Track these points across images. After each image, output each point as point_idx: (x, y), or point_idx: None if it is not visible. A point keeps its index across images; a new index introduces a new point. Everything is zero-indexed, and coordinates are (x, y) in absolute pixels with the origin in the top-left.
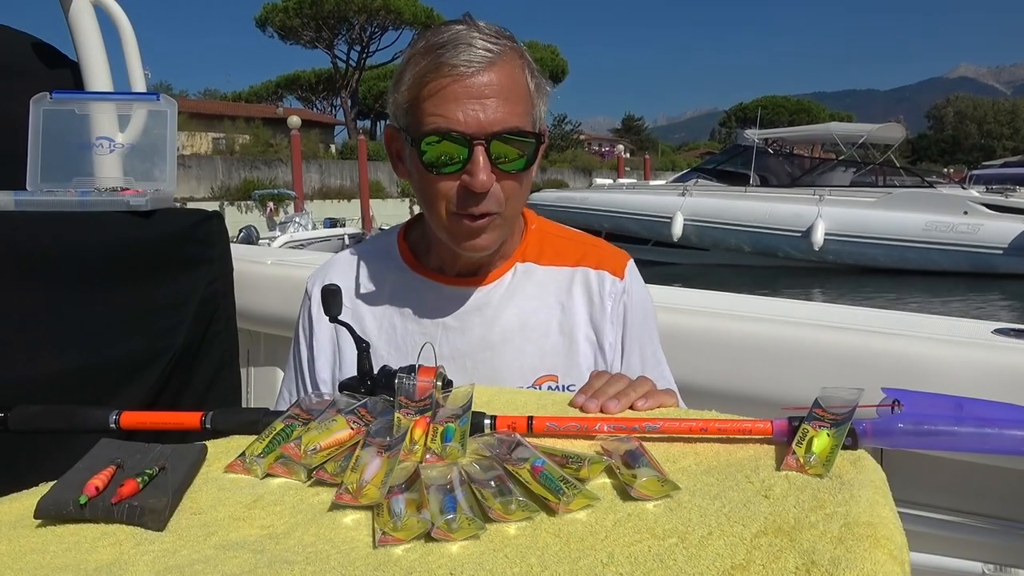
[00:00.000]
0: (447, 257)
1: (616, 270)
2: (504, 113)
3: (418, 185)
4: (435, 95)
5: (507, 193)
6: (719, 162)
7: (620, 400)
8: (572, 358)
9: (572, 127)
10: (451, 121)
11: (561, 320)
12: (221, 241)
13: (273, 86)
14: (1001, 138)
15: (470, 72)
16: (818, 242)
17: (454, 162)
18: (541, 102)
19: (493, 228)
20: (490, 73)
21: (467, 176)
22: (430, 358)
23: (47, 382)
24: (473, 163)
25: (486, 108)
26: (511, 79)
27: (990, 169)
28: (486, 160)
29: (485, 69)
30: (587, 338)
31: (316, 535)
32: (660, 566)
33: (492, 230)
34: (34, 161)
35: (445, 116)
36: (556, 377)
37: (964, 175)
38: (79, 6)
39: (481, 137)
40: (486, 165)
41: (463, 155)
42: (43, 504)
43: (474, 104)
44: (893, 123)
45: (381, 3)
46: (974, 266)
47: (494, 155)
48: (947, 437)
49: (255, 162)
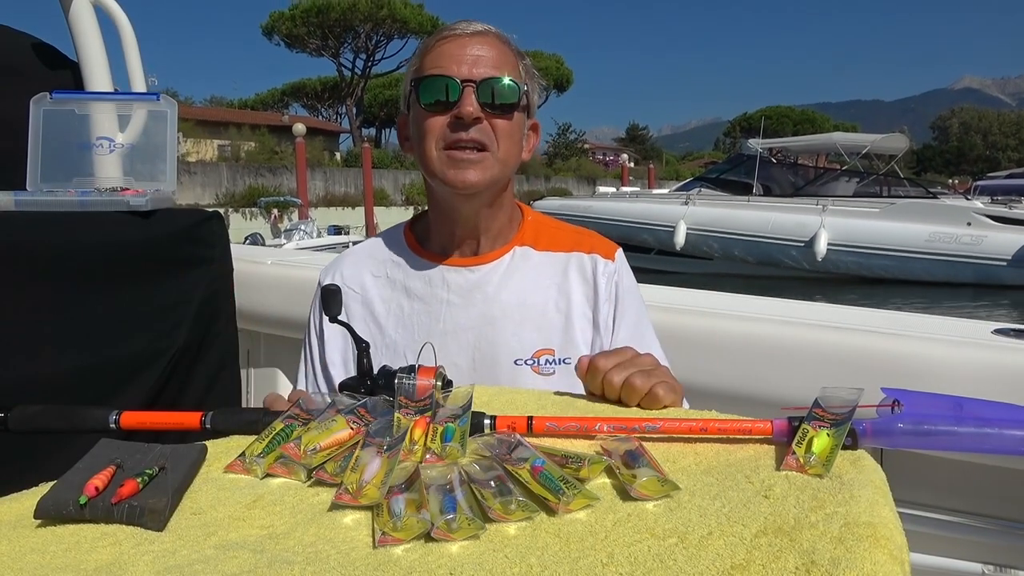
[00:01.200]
0: (448, 239)
1: (607, 255)
2: (492, 69)
3: (416, 132)
4: (434, 53)
5: (497, 131)
6: (722, 171)
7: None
8: (569, 333)
9: (576, 136)
10: (446, 69)
11: (557, 299)
12: (221, 241)
13: (279, 94)
14: (1006, 149)
15: (465, 35)
16: (821, 252)
17: (446, 102)
18: (530, 80)
19: (484, 166)
20: (483, 43)
21: (457, 108)
22: (430, 358)
23: (47, 382)
24: (463, 97)
25: (478, 63)
26: (501, 52)
27: (995, 180)
28: (474, 99)
29: (479, 38)
30: (583, 315)
31: (316, 535)
32: (660, 566)
33: (483, 167)
34: (34, 161)
35: (441, 66)
36: (553, 351)
37: (969, 186)
38: (79, 6)
39: (471, 80)
40: (474, 101)
41: (455, 95)
42: (43, 504)
43: (468, 59)
44: (897, 134)
45: (387, 12)
46: (978, 277)
47: (481, 98)
48: (947, 437)
49: (260, 169)
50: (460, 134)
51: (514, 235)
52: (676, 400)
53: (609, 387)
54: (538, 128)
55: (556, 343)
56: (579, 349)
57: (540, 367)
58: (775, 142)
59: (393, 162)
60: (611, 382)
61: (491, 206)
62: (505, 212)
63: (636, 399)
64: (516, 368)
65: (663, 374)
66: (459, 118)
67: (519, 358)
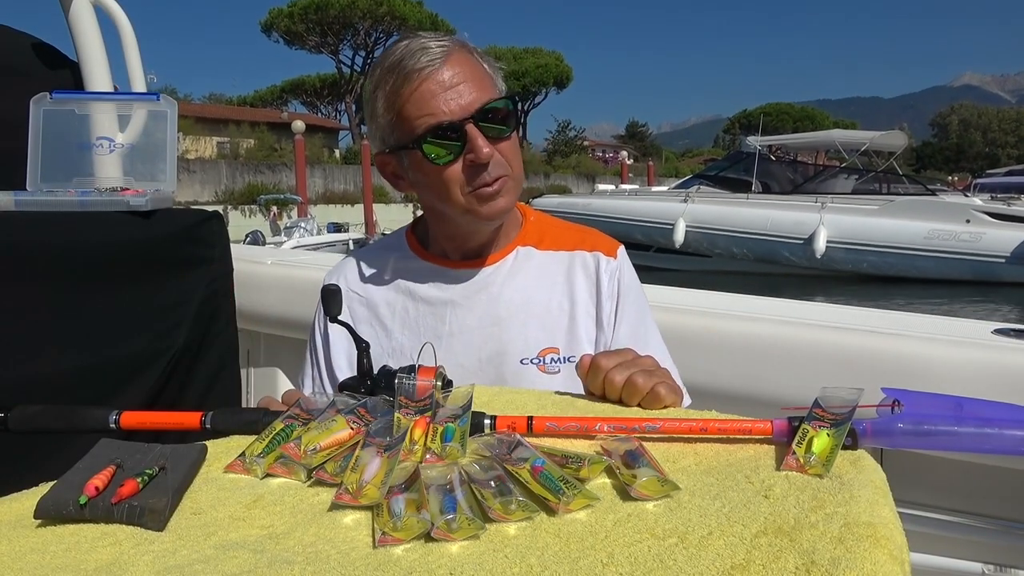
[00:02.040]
0: (450, 243)
1: (609, 252)
2: (477, 93)
3: (428, 185)
4: (414, 100)
5: (507, 155)
6: (721, 169)
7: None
8: (573, 332)
9: (576, 133)
10: (439, 115)
11: (561, 298)
12: (221, 241)
13: (278, 91)
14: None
15: (435, 68)
16: (820, 249)
17: (455, 148)
18: (498, 75)
19: (507, 190)
20: (451, 66)
21: (471, 154)
22: (430, 358)
23: (47, 382)
24: (471, 140)
25: (461, 94)
26: (469, 65)
27: (994, 177)
28: (479, 134)
29: (445, 63)
30: (587, 313)
31: (316, 535)
32: (660, 566)
33: (507, 192)
34: (34, 161)
35: (432, 113)
36: (558, 349)
37: (968, 183)
38: (79, 6)
39: (468, 117)
40: (481, 137)
41: (461, 139)
42: (43, 504)
43: (450, 94)
44: (896, 131)
45: (386, 9)
46: (976, 274)
47: (484, 128)
48: (947, 437)
49: (259, 166)
50: (483, 176)
51: (516, 235)
52: (677, 400)
53: (610, 386)
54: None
55: (561, 341)
56: (583, 347)
57: (546, 366)
58: (774, 139)
59: None
60: (613, 381)
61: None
62: (508, 216)
63: (637, 398)
64: (522, 367)
65: (664, 375)
66: (477, 164)
67: (525, 357)
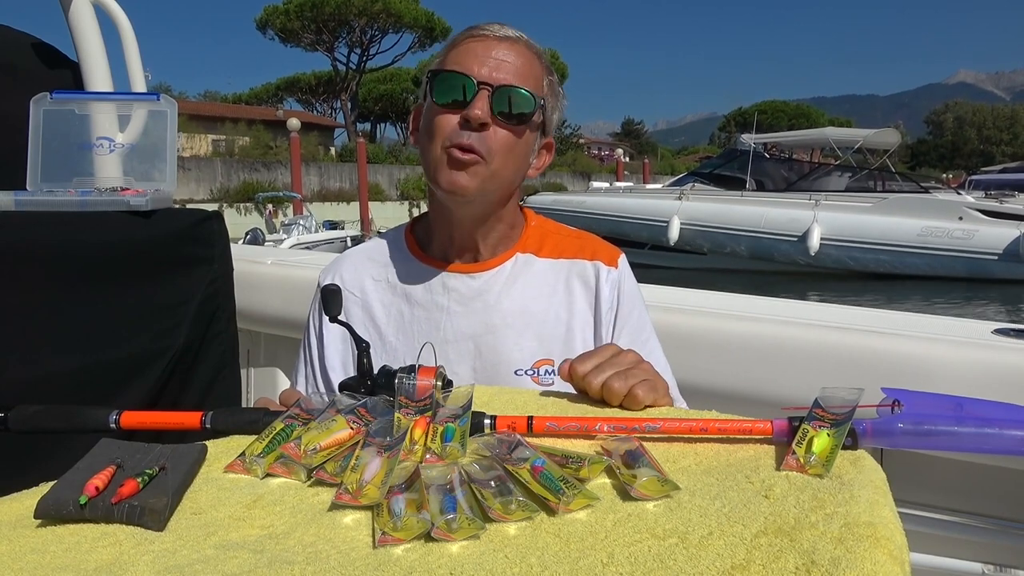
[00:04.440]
0: (447, 244)
1: (610, 261)
2: (512, 78)
3: (425, 124)
4: (460, 50)
5: (498, 144)
6: (716, 166)
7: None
8: (569, 344)
9: (572, 131)
10: (466, 68)
11: (559, 308)
12: (221, 241)
13: (273, 88)
14: (1000, 144)
15: (493, 39)
16: (814, 247)
17: (459, 99)
18: (552, 98)
19: (475, 174)
20: (511, 49)
21: (467, 110)
22: (430, 358)
23: (47, 382)
24: (475, 99)
25: (500, 68)
26: (528, 62)
27: (989, 175)
28: (487, 103)
29: (508, 43)
30: (585, 323)
31: (316, 535)
32: (660, 566)
33: (473, 175)
34: (34, 161)
35: (462, 64)
36: (552, 361)
37: (963, 180)
38: (79, 6)
39: (488, 83)
40: (485, 106)
41: (469, 94)
42: (43, 504)
43: (490, 62)
44: (889, 128)
45: (381, 6)
46: (969, 271)
47: (496, 105)
48: (947, 437)
49: (255, 164)
50: (463, 137)
51: (516, 241)
52: (659, 398)
53: (591, 390)
54: (552, 147)
55: (556, 353)
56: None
57: (540, 377)
58: (768, 137)
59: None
60: (591, 385)
61: (486, 218)
62: (505, 223)
63: (616, 401)
64: (516, 378)
65: (644, 371)
66: (467, 120)
67: (519, 368)
